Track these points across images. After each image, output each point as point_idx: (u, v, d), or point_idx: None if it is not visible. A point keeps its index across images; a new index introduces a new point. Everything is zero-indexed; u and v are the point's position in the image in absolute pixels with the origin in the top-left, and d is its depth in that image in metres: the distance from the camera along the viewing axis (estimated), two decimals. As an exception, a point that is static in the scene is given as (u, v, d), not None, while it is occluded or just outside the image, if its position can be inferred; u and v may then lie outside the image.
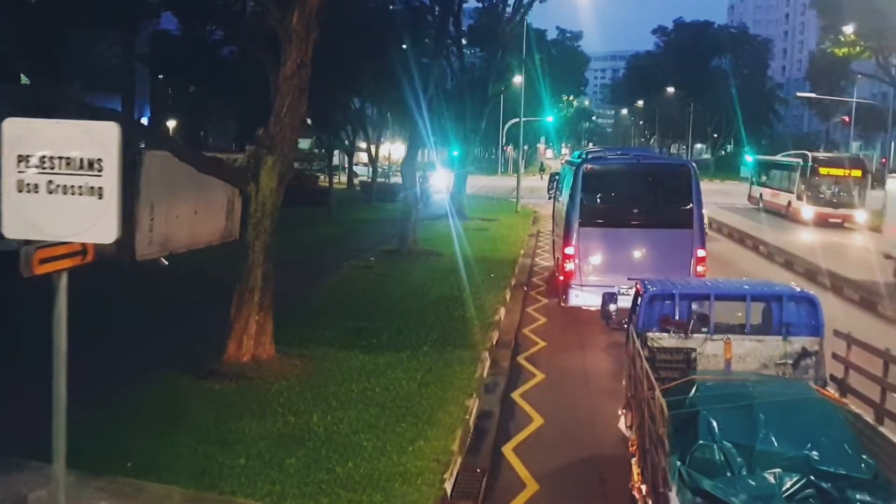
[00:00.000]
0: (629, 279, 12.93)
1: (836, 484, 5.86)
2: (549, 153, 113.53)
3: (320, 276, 19.29)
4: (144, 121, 37.32)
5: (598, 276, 15.70)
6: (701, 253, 15.72)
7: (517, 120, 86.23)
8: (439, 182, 38.34)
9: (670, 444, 5.74)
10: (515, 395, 11.47)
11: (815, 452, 6.04)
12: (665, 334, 8.50)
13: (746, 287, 9.44)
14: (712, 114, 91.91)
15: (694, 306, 8.90)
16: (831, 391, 7.75)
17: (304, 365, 11.56)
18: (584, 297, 15.66)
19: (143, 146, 18.98)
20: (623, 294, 12.07)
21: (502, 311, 16.35)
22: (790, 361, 8.34)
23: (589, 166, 16.84)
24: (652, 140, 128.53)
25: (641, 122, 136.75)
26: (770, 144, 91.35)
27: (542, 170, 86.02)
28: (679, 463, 6.02)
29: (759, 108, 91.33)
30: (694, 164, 18.33)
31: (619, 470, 8.20)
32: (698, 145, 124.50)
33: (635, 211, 16.33)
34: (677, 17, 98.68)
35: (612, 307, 9.97)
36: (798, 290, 9.17)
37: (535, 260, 25.21)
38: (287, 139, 11.24)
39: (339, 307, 15.65)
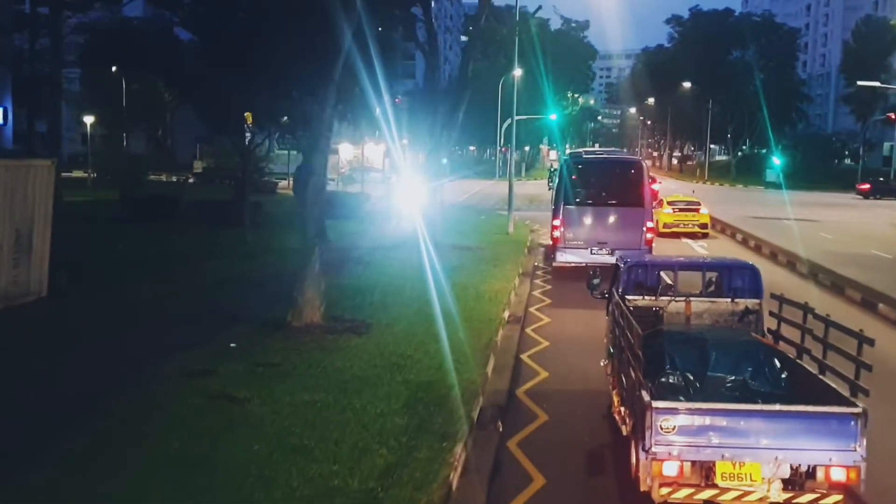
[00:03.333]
0: (599, 243, 20.62)
1: (763, 398, 7.62)
2: (553, 154, 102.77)
3: (92, 399, 9.40)
4: None
5: (578, 240, 20.95)
6: (650, 224, 21.07)
7: (516, 118, 76.76)
8: (410, 194, 28.51)
9: (644, 361, 7.49)
10: None
11: (749, 378, 8.05)
12: (639, 297, 10.13)
13: (703, 260, 12.55)
14: (732, 112, 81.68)
15: (662, 275, 10.77)
16: (769, 338, 9.31)
17: None
18: (567, 256, 20.99)
19: None
20: (596, 253, 20.31)
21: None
22: (736, 318, 10.01)
23: (570, 161, 22.99)
24: (662, 140, 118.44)
25: (650, 122, 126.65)
26: (795, 145, 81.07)
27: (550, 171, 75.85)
28: (650, 384, 7.50)
29: (782, 106, 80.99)
30: (644, 161, 25.51)
31: None
32: (712, 146, 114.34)
33: (603, 194, 21.36)
34: (686, 8, 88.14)
35: (595, 280, 11.29)
36: (743, 261, 11.02)
37: (528, 331, 15.22)
38: None
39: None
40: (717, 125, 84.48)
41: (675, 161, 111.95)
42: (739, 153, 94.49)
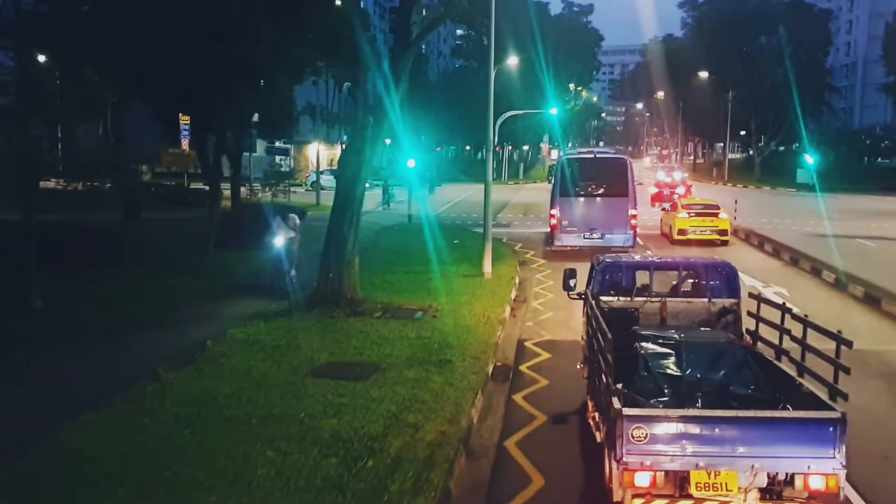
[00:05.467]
0: (590, 228, 23.26)
1: (741, 402, 7.19)
2: (555, 154, 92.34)
3: None
4: None
5: (572, 226, 23.45)
6: (633, 212, 23.25)
7: (513, 113, 66.62)
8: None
9: (613, 365, 7.04)
10: None
11: (725, 381, 7.64)
12: (614, 298, 9.73)
13: (679, 260, 10.68)
14: (756, 105, 71.44)
15: (637, 275, 9.99)
16: (748, 339, 8.89)
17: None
18: (563, 240, 23.60)
19: None
20: (588, 238, 23.14)
21: None
22: (714, 318, 9.55)
23: (565, 159, 25.70)
24: (672, 138, 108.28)
25: (656, 119, 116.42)
26: (829, 142, 70.80)
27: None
28: (623, 389, 7.09)
29: (811, 98, 70.52)
30: (629, 157, 26.43)
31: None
32: (721, 144, 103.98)
33: (593, 186, 23.78)
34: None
35: (572, 282, 10.68)
36: (720, 260, 10.25)
37: None
38: None
39: None
40: (735, 120, 74.25)
41: (686, 160, 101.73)
42: (750, 151, 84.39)
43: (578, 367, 10.25)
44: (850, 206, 46.29)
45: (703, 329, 9.22)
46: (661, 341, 8.08)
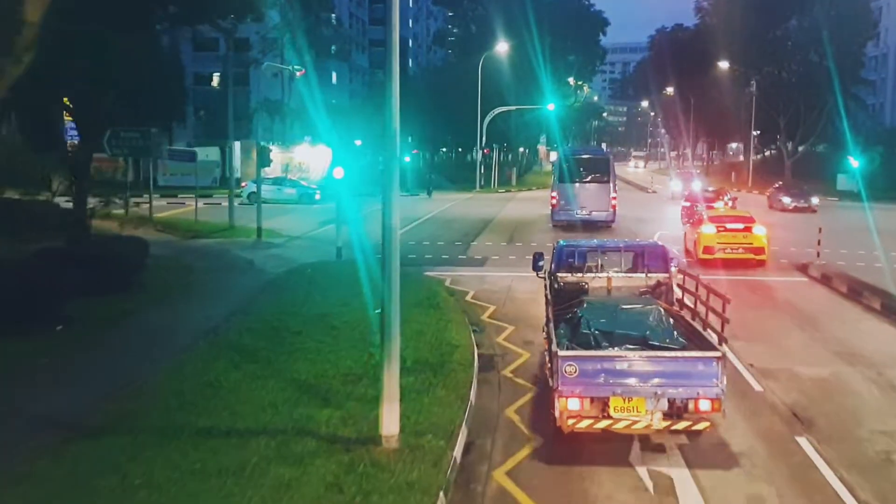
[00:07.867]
0: (581, 207, 30.16)
1: (657, 350, 8.92)
2: (553, 156, 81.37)
3: None
4: None
5: (567, 205, 30.53)
6: (614, 195, 30.82)
7: (503, 110, 55.86)
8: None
9: (555, 322, 9.85)
10: None
11: (649, 334, 9.34)
12: (569, 274, 11.98)
13: (622, 243, 13.35)
14: (786, 99, 60.75)
15: (588, 255, 12.38)
16: (676, 307, 11.13)
17: None
18: (560, 216, 30.73)
19: None
20: (578, 216, 29.94)
21: None
22: (650, 290, 11.71)
23: (563, 155, 33.85)
24: (681, 138, 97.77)
25: (660, 118, 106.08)
26: (876, 142, 59.99)
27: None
28: (566, 341, 9.21)
29: (845, 92, 59.65)
30: (610, 154, 40.29)
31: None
32: (734, 145, 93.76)
33: (584, 174, 30.90)
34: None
35: (541, 263, 12.81)
36: (654, 243, 13.21)
37: None
38: None
39: None
40: (757, 116, 63.68)
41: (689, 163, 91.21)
42: (767, 152, 73.84)
43: (542, 331, 11.59)
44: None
45: (635, 297, 11.20)
46: (601, 306, 10.03)
